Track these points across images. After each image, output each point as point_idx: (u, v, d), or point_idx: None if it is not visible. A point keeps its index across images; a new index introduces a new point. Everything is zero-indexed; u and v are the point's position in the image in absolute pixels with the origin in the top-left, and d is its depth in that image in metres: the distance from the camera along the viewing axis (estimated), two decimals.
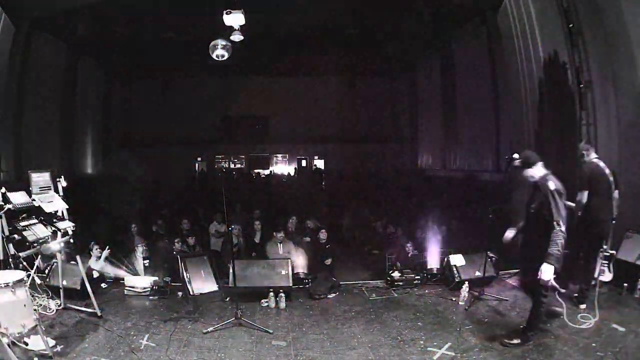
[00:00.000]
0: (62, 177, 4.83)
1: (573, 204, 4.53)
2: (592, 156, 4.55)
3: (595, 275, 4.54)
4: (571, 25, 6.10)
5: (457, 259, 5.41)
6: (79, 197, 6.98)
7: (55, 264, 4.80)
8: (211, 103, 17.12)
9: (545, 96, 6.76)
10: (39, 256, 4.65)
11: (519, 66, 7.19)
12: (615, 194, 4.49)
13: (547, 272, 3.43)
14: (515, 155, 4.87)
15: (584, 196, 4.39)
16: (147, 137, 16.76)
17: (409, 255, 6.32)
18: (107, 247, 5.73)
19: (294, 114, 17.57)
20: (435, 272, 5.77)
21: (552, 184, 3.57)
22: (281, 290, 4.99)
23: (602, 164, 4.49)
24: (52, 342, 3.67)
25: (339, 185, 14.82)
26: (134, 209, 8.33)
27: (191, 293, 5.26)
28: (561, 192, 3.56)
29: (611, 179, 4.45)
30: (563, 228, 3.43)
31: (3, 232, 3.99)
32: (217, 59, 8.35)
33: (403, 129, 17.48)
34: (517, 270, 5.31)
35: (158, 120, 16.78)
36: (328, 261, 6.28)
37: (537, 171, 3.72)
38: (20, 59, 8.47)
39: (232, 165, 19.45)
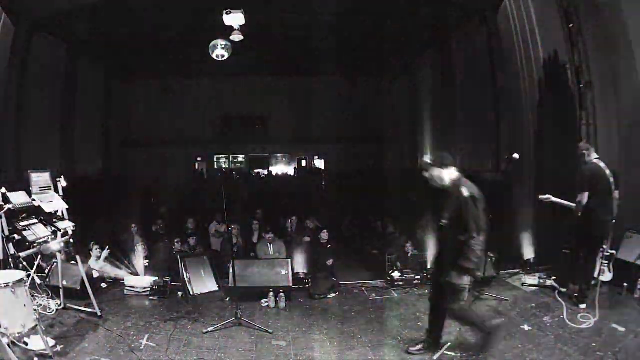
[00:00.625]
0: (62, 177, 4.83)
1: (574, 205, 4.54)
2: (593, 156, 4.55)
3: (595, 275, 4.54)
4: (571, 25, 6.11)
5: None
6: (79, 197, 6.97)
7: (55, 264, 4.80)
8: (211, 103, 17.11)
9: (545, 96, 6.76)
10: (39, 256, 4.65)
11: (519, 66, 7.19)
12: (616, 194, 4.49)
13: (460, 282, 3.26)
14: (516, 156, 4.90)
15: (585, 197, 4.39)
16: (147, 137, 16.75)
17: (409, 255, 6.32)
18: (107, 247, 5.74)
19: (294, 114, 17.56)
20: None
21: (465, 190, 3.24)
22: (281, 290, 5.00)
23: (602, 164, 4.49)
24: (52, 342, 3.67)
25: (338, 185, 14.82)
26: (134, 209, 8.32)
27: (191, 293, 5.27)
28: (477, 197, 3.24)
29: (611, 179, 4.45)
30: (481, 238, 3.16)
31: (3, 232, 3.99)
32: (217, 59, 8.35)
33: (403, 129, 17.47)
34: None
35: (158, 120, 16.77)
36: (329, 262, 6.30)
37: (448, 174, 3.39)
38: (21, 59, 8.47)
39: (232, 165, 19.44)
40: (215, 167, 19.12)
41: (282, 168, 19.20)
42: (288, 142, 18.55)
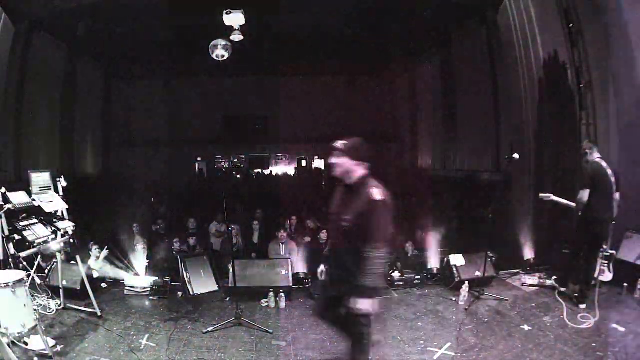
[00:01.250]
0: (62, 177, 4.83)
1: (574, 204, 4.54)
2: (595, 155, 4.54)
3: (595, 275, 4.54)
4: (571, 25, 6.11)
5: (457, 259, 5.41)
6: (79, 197, 6.98)
7: (55, 264, 4.80)
8: (211, 103, 17.12)
9: (545, 96, 6.77)
10: (39, 256, 4.66)
11: (519, 66, 7.19)
12: (617, 195, 4.49)
13: (364, 305, 2.68)
14: (516, 156, 4.90)
15: (585, 194, 4.39)
16: (147, 137, 16.76)
17: (409, 255, 6.32)
18: (106, 247, 5.73)
19: (294, 114, 17.56)
20: (435, 272, 5.78)
21: (377, 193, 2.67)
22: (281, 290, 4.99)
23: (604, 163, 4.49)
24: (52, 342, 3.68)
25: (338, 185, 14.80)
26: (134, 209, 8.33)
27: (191, 293, 5.27)
28: (387, 203, 2.69)
29: (613, 179, 4.44)
30: (384, 251, 2.64)
31: (3, 232, 3.99)
32: (217, 59, 8.34)
33: (403, 129, 17.48)
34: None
35: (158, 120, 16.77)
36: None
37: (360, 170, 2.79)
38: (20, 59, 8.47)
39: (232, 165, 19.43)
40: (216, 167, 19.12)
41: (282, 168, 19.20)
42: (288, 142, 18.55)
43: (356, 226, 2.70)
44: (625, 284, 4.71)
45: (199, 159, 18.88)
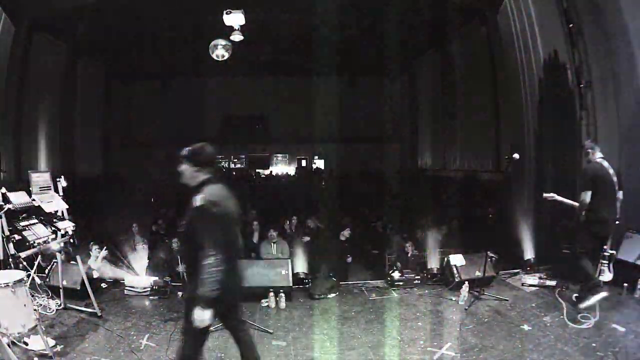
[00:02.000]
0: (62, 177, 4.83)
1: (576, 204, 4.53)
2: (597, 155, 4.52)
3: (596, 275, 4.53)
4: (571, 25, 6.11)
5: (457, 259, 5.41)
6: (79, 197, 6.98)
7: (55, 264, 4.80)
8: (211, 103, 17.12)
9: (545, 96, 6.77)
10: (39, 256, 4.65)
11: (519, 66, 7.18)
12: (619, 194, 4.47)
13: (201, 317, 2.53)
14: (516, 156, 4.89)
15: (587, 196, 4.36)
16: (148, 137, 16.75)
17: (409, 255, 6.33)
18: (104, 247, 5.73)
19: (294, 114, 17.56)
20: (435, 272, 5.78)
21: (200, 199, 2.62)
22: (281, 290, 5.00)
23: (606, 163, 4.47)
24: (52, 342, 3.68)
25: (339, 185, 14.82)
26: (134, 209, 8.33)
27: None
28: (212, 207, 2.59)
29: (615, 179, 4.43)
30: (218, 257, 2.48)
31: (3, 232, 3.99)
32: (217, 59, 8.35)
33: (403, 129, 17.48)
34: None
35: (158, 120, 16.77)
36: (349, 259, 6.41)
37: (200, 176, 2.77)
38: (20, 59, 8.47)
39: (232, 165, 19.43)
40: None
41: (282, 168, 19.21)
42: (288, 142, 18.56)
43: (187, 231, 2.72)
44: (625, 284, 4.71)
45: None
